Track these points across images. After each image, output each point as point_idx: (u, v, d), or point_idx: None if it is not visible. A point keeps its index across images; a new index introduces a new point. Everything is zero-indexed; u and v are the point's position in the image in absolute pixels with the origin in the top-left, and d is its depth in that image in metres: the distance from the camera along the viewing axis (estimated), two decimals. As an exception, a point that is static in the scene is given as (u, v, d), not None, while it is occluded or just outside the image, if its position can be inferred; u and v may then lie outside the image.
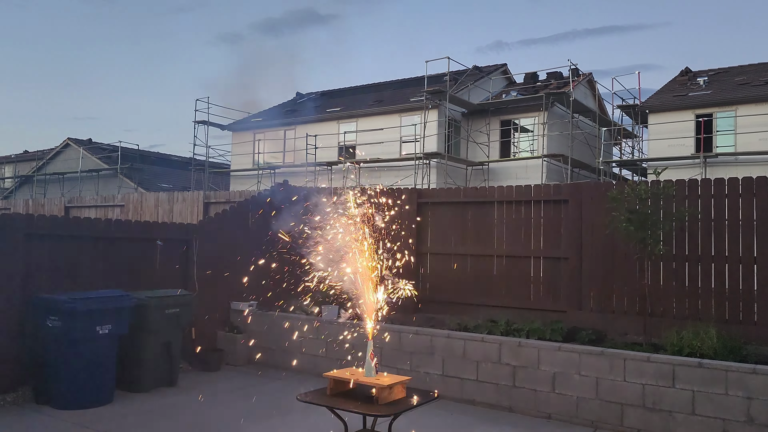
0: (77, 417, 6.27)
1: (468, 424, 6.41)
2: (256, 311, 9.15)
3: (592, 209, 8.04)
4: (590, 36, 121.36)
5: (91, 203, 18.30)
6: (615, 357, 6.28)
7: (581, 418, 6.39)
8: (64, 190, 30.83)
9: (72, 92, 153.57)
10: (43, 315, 6.64)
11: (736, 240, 7.18)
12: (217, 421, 6.30)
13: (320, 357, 8.29)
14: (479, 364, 7.09)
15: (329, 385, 4.86)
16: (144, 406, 6.77)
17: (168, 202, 15.95)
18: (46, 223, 7.36)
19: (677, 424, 5.87)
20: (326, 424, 5.38)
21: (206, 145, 27.88)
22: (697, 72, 25.70)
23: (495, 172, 23.42)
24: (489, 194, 9.03)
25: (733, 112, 20.52)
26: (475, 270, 8.97)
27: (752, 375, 5.59)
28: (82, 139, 34.05)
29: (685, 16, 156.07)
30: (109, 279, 7.68)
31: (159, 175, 31.76)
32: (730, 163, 19.46)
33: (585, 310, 7.99)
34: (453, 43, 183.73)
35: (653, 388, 6.02)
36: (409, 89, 26.87)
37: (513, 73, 28.30)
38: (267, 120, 28.48)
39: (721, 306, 7.19)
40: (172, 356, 7.64)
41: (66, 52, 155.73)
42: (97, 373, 6.71)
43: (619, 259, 7.80)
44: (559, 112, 23.59)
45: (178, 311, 7.66)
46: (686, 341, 6.32)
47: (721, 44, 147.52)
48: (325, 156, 24.61)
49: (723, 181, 7.34)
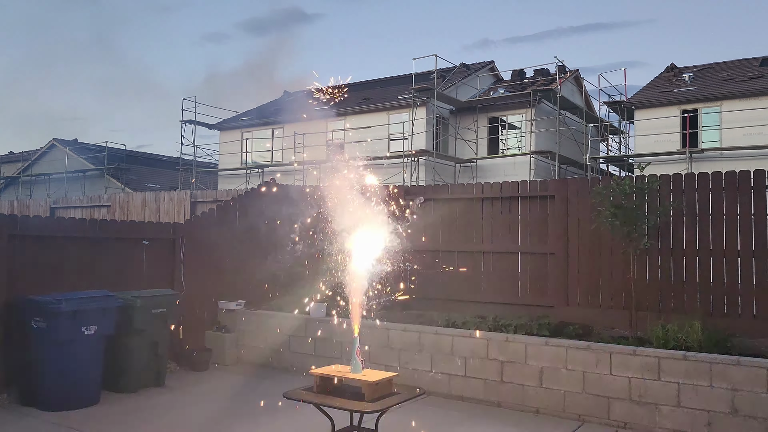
0: (63, 418, 6.22)
1: (456, 419, 6.42)
2: (244, 310, 9.12)
3: (578, 205, 8.08)
4: (575, 34, 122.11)
5: (76, 204, 18.15)
6: (601, 351, 6.32)
7: (569, 412, 6.42)
8: (50, 191, 30.56)
9: (57, 93, 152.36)
10: (28, 316, 6.58)
11: (720, 234, 7.25)
12: (204, 421, 6.27)
13: (308, 355, 8.28)
14: (467, 360, 7.10)
15: (316, 382, 4.85)
16: (131, 407, 6.72)
17: (155, 202, 15.86)
18: (30, 223, 7.29)
19: (663, 416, 5.91)
20: (314, 421, 5.37)
21: (194, 145, 27.76)
22: (682, 68, 25.88)
23: (483, 169, 23.47)
24: (476, 191, 9.05)
25: (718, 108, 20.68)
26: (462, 266, 8.99)
27: (736, 367, 5.64)
28: (68, 140, 33.65)
29: (669, 13, 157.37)
30: (94, 279, 7.61)
31: (146, 175, 31.54)
32: (715, 158, 19.61)
33: (572, 304, 8.03)
34: (439, 41, 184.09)
35: (639, 381, 6.06)
36: (397, 87, 26.86)
37: (500, 70, 28.40)
38: (255, 119, 28.38)
39: (706, 299, 7.25)
40: (159, 356, 7.59)
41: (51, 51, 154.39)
42: (83, 374, 6.66)
43: (605, 253, 7.84)
44: (546, 109, 23.68)
45: (164, 311, 7.62)
46: (672, 334, 6.36)
47: (706, 41, 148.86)
48: (313, 154, 24.55)
49: (707, 176, 7.40)
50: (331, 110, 26.06)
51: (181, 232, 8.88)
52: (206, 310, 9.10)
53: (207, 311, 9.11)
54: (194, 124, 27.82)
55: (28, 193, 31.49)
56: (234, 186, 23.76)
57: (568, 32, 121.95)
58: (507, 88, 25.72)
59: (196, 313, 8.87)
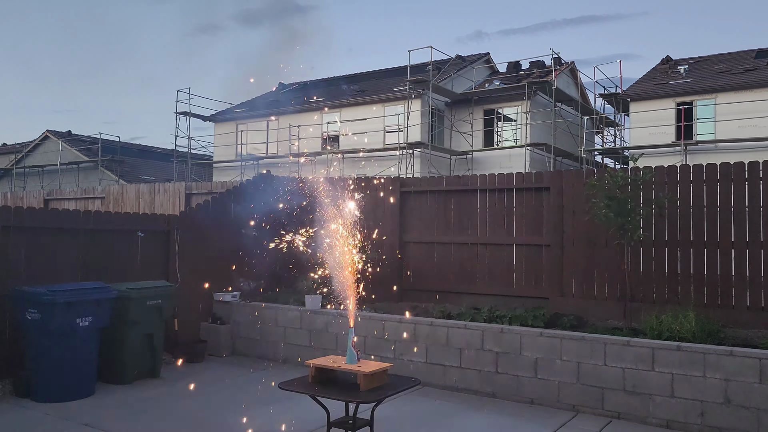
0: (58, 410, 6.22)
1: (452, 410, 6.44)
2: (240, 302, 9.12)
3: (572, 197, 8.10)
4: (569, 26, 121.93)
5: (71, 196, 18.07)
6: (595, 342, 6.34)
7: (563, 403, 6.46)
8: (43, 183, 30.42)
9: (51, 84, 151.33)
10: (23, 308, 6.56)
11: (714, 225, 7.27)
12: (199, 412, 6.28)
13: (304, 346, 8.29)
14: (462, 351, 7.13)
15: (311, 372, 4.86)
16: (125, 398, 6.72)
17: (149, 194, 15.81)
18: (24, 215, 7.25)
19: (656, 406, 5.95)
20: (309, 411, 5.39)
21: (188, 137, 27.64)
22: (677, 60, 25.89)
23: (478, 161, 23.47)
24: (471, 183, 9.06)
25: (713, 100, 20.72)
26: (458, 258, 9.01)
27: (729, 357, 5.68)
28: (62, 131, 33.41)
29: (663, 5, 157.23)
30: (89, 271, 7.59)
31: (140, 167, 31.41)
32: (710, 150, 19.65)
33: (567, 296, 8.06)
34: (433, 33, 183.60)
35: (633, 372, 6.09)
36: (392, 79, 26.80)
37: (496, 62, 28.35)
38: (249, 111, 28.28)
39: (700, 290, 7.28)
40: (154, 348, 7.59)
41: (43, 43, 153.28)
42: (78, 366, 6.65)
43: (599, 245, 7.87)
44: (541, 101, 23.67)
45: (160, 303, 7.61)
46: (665, 325, 6.39)
47: (700, 34, 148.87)
48: (309, 146, 24.51)
49: (701, 168, 7.42)
50: (326, 102, 26.04)
51: (176, 223, 8.85)
52: (201, 302, 9.09)
53: (202, 303, 9.10)
54: (189, 116, 27.70)
55: (22, 185, 31.35)
56: (229, 178, 23.71)
57: (562, 24, 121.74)
58: (502, 81, 25.68)
59: (191, 304, 8.85)
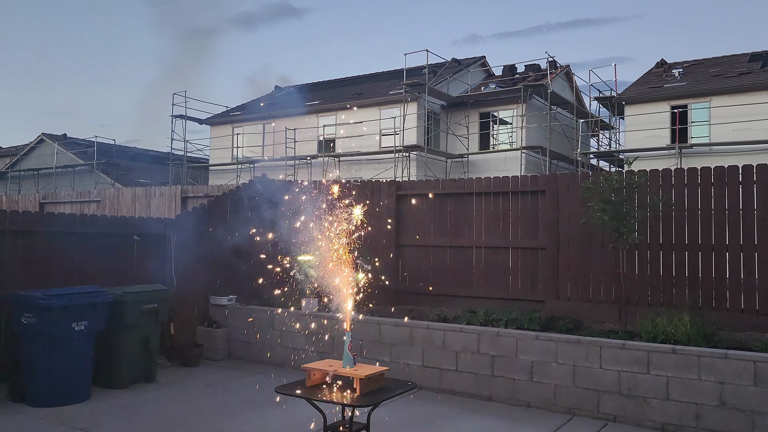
0: (54, 414, 6.20)
1: (448, 413, 6.45)
2: (235, 305, 9.11)
3: (568, 200, 8.12)
4: (564, 29, 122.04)
5: (66, 199, 18.03)
6: (591, 345, 6.36)
7: (559, 406, 6.47)
8: (39, 186, 30.31)
9: (46, 87, 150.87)
10: (18, 312, 6.54)
11: (708, 229, 7.30)
12: (195, 416, 6.27)
13: (300, 350, 8.28)
14: (459, 355, 7.14)
15: (307, 376, 4.85)
16: (121, 402, 6.71)
17: (145, 197, 15.78)
18: (19, 218, 7.24)
19: (652, 409, 5.97)
20: (305, 415, 5.39)
21: (184, 140, 27.61)
22: (672, 64, 25.99)
23: (474, 164, 23.50)
24: (467, 186, 9.08)
25: (707, 103, 20.80)
26: (454, 261, 9.02)
27: (724, 360, 5.70)
28: (57, 135, 33.32)
29: (656, 9, 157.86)
30: (85, 275, 7.58)
31: (136, 171, 31.31)
32: (704, 153, 19.74)
33: (562, 299, 8.08)
34: (428, 36, 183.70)
35: (629, 375, 6.11)
36: (388, 82, 26.82)
37: (491, 65, 28.39)
38: (245, 114, 28.27)
39: (695, 293, 7.31)
40: (150, 352, 7.57)
41: (38, 46, 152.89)
42: (74, 370, 6.63)
43: (595, 248, 7.89)
44: (537, 104, 23.73)
45: (155, 306, 7.60)
46: (660, 328, 6.41)
47: (694, 37, 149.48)
48: (305, 149, 24.51)
49: (696, 171, 7.46)
50: (323, 105, 26.04)
51: (172, 227, 8.85)
52: (197, 306, 9.08)
53: (198, 307, 9.09)
54: (185, 119, 27.66)
55: (17, 189, 31.21)
56: (225, 181, 23.68)
57: (556, 28, 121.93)
58: (498, 84, 25.73)
59: (187, 308, 8.84)
